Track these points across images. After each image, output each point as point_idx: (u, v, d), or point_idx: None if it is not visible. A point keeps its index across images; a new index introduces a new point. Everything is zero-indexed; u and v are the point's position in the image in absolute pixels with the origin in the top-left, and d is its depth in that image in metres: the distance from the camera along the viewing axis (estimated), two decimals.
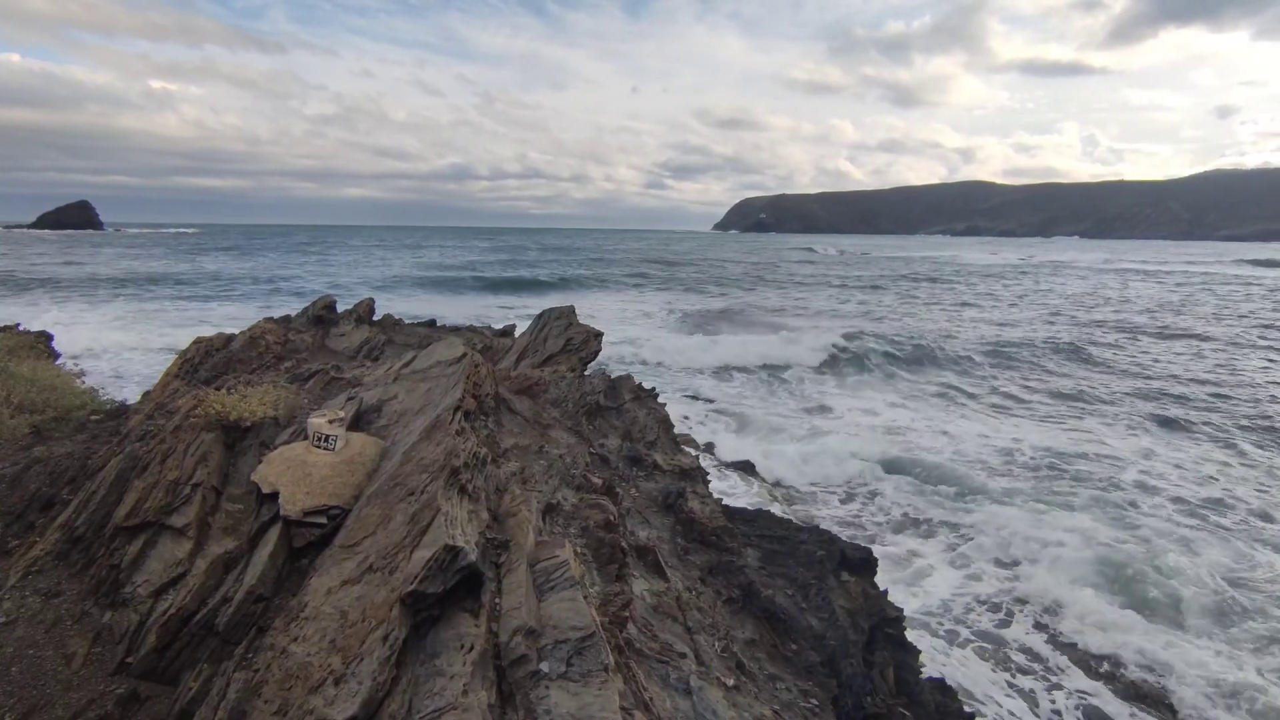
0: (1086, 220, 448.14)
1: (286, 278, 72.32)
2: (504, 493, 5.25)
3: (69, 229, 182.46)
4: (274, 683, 3.86)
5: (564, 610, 3.85)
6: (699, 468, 9.45)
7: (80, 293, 53.93)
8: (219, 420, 6.13)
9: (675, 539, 7.44)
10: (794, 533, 8.94)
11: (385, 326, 14.91)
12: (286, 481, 5.33)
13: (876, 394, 28.02)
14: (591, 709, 3.28)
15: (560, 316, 13.29)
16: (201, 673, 4.44)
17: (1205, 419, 24.27)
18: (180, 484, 5.55)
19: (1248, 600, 12.62)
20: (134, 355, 30.04)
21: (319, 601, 4.26)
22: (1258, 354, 36.60)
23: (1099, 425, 23.62)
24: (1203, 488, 17.88)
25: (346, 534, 4.86)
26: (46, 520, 6.13)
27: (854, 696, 6.90)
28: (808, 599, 7.65)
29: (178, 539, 5.24)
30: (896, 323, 46.74)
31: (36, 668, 4.65)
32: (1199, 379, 30.39)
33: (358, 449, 5.78)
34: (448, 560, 3.91)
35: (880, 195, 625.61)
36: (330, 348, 12.77)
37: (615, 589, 4.94)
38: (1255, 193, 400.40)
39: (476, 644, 3.63)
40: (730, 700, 4.83)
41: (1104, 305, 59.57)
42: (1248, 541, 14.89)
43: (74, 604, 5.18)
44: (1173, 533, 15.05)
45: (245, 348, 10.54)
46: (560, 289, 68.86)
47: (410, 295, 60.59)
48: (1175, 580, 13.02)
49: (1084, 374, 31.79)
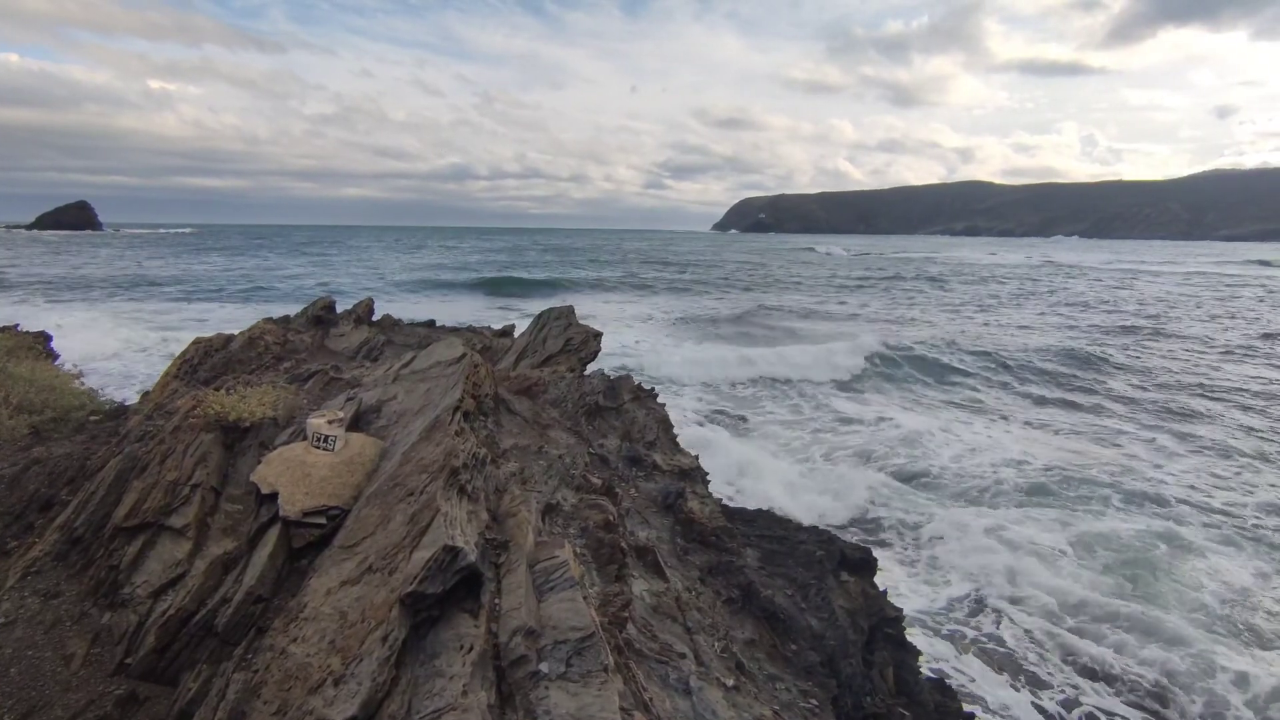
0: (1085, 220, 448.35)
1: (284, 278, 72.33)
2: (503, 493, 5.25)
3: (68, 229, 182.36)
4: (273, 683, 3.86)
5: (563, 611, 3.85)
6: (698, 468, 9.45)
7: (79, 293, 53.93)
8: (218, 421, 6.13)
9: (675, 539, 7.43)
10: (793, 533, 8.94)
11: (384, 327, 14.90)
12: (286, 482, 5.32)
13: (902, 403, 27.44)
14: (591, 709, 3.28)
15: (559, 317, 13.29)
16: (201, 673, 4.43)
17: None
18: (179, 485, 5.54)
19: (1265, 605, 12.63)
20: (133, 356, 30.02)
21: (318, 602, 4.26)
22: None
23: (1124, 431, 23.49)
24: (1221, 493, 17.84)
25: (346, 534, 4.86)
26: (45, 521, 6.13)
27: (854, 696, 6.90)
28: (807, 599, 7.65)
29: (177, 540, 5.23)
30: (924, 330, 45.13)
31: (35, 669, 4.64)
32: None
33: (357, 449, 5.77)
34: (447, 561, 3.91)
35: (879, 195, 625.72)
36: (329, 348, 12.76)
37: (615, 589, 4.93)
38: (1254, 193, 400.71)
39: (476, 644, 3.63)
40: (730, 700, 4.82)
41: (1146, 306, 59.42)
42: (1263, 547, 14.88)
43: (73, 605, 5.18)
44: (1188, 537, 15.08)
45: (244, 348, 10.54)
46: (566, 290, 68.61)
47: (409, 296, 60.59)
48: (1188, 583, 13.06)
49: (1103, 379, 31.39)
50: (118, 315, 42.26)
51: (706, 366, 31.20)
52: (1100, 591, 12.83)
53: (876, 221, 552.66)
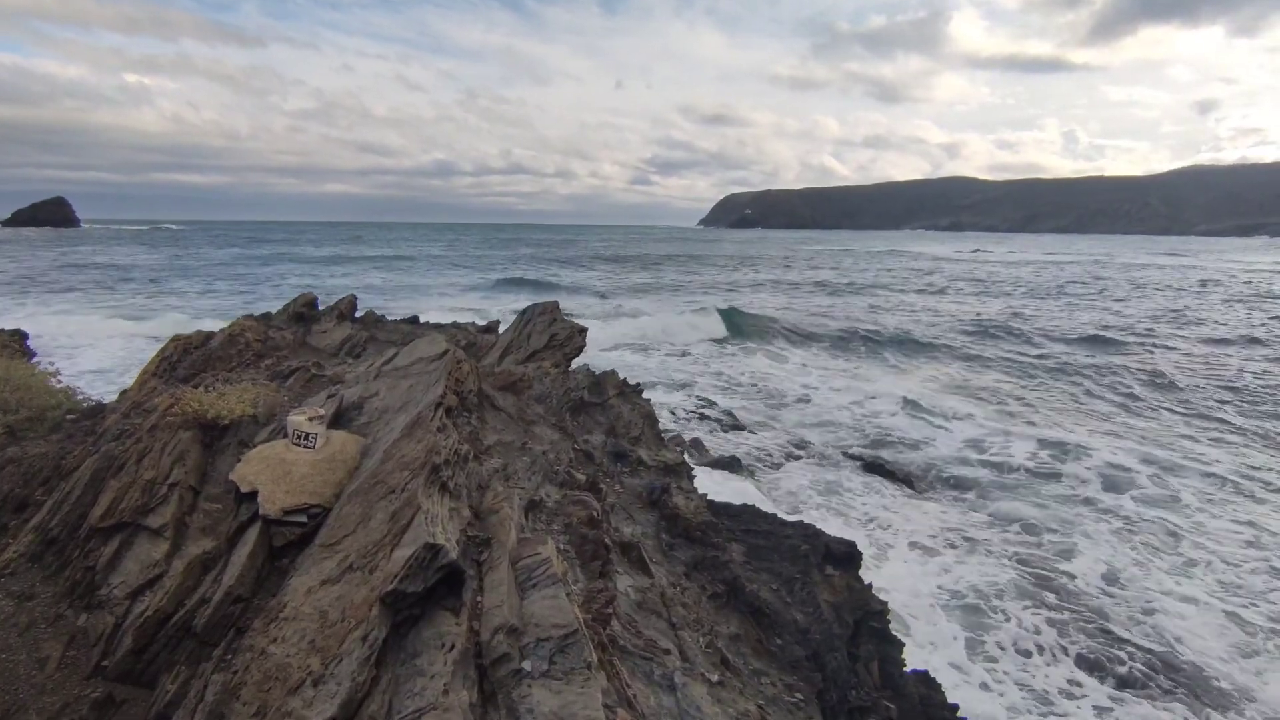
0: (1068, 215, 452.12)
1: (266, 275, 71.58)
2: (486, 489, 5.22)
3: (45, 226, 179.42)
4: (252, 684, 3.81)
5: (546, 608, 3.83)
6: (684, 463, 9.45)
7: (57, 291, 53.13)
8: (196, 419, 6.04)
9: (660, 535, 7.43)
10: (779, 527, 8.96)
11: (367, 323, 14.77)
12: (266, 480, 5.26)
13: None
14: (574, 707, 3.26)
15: (544, 312, 13.23)
16: (179, 675, 4.37)
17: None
18: (157, 484, 5.46)
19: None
20: (111, 354, 29.63)
21: (298, 602, 4.21)
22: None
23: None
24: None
25: (327, 533, 4.81)
26: (20, 522, 6.02)
27: (839, 690, 6.93)
28: (792, 593, 7.68)
29: (154, 540, 5.16)
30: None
31: (9, 672, 4.56)
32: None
33: (338, 447, 5.72)
34: (428, 559, 3.88)
35: (864, 191, 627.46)
36: (311, 345, 12.63)
37: (598, 586, 4.92)
38: (1232, 189, 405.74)
39: (458, 643, 3.60)
40: (714, 696, 4.82)
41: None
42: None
43: (48, 607, 5.09)
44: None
45: (224, 345, 10.40)
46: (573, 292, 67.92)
47: (396, 294, 60.10)
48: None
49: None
50: (96, 313, 41.69)
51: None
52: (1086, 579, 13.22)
53: (861, 217, 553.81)
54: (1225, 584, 13.25)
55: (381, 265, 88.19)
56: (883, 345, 37.72)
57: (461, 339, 13.58)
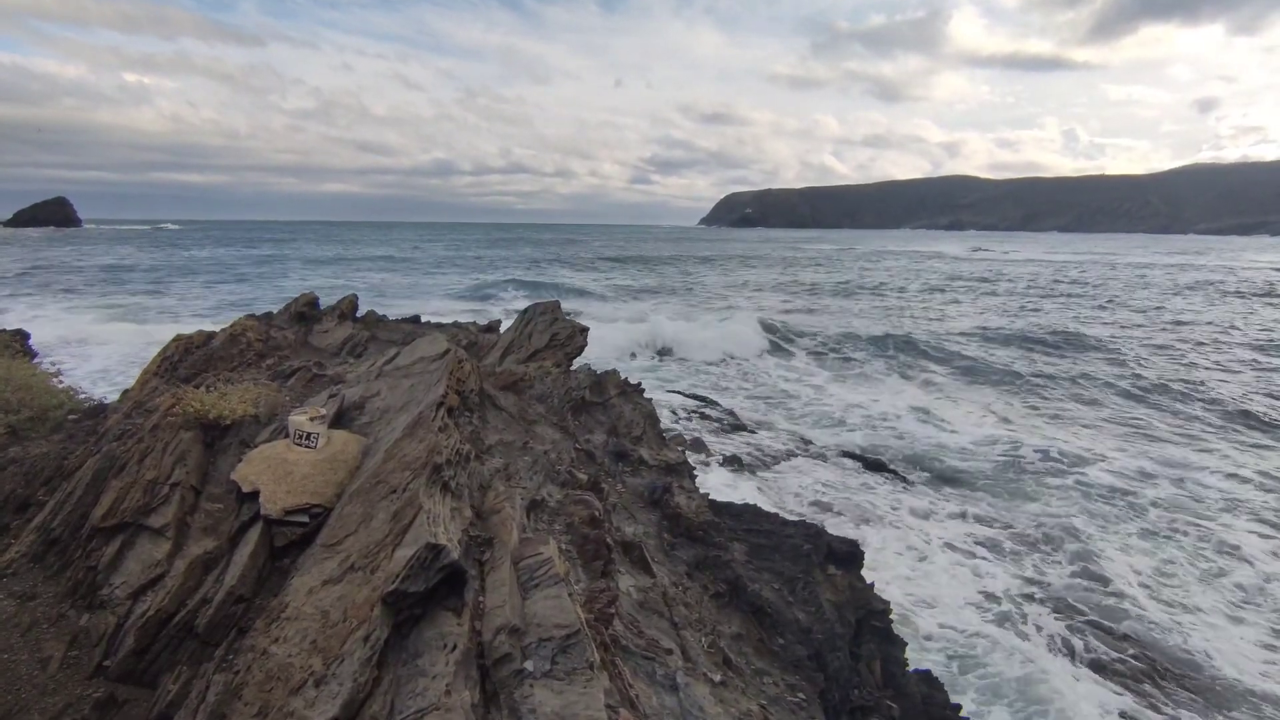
0: (1068, 214, 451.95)
1: (266, 275, 71.67)
2: (487, 489, 5.21)
3: (47, 226, 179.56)
4: (254, 684, 3.81)
5: (548, 608, 3.82)
6: (685, 463, 9.44)
7: (58, 290, 53.16)
8: (198, 419, 6.04)
9: (661, 534, 7.42)
10: (780, 526, 8.95)
11: (368, 323, 14.76)
12: (267, 480, 5.25)
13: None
14: (576, 708, 3.26)
15: (545, 312, 13.21)
16: (181, 675, 4.37)
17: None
18: (158, 484, 5.46)
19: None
20: (113, 353, 29.63)
21: (300, 602, 4.21)
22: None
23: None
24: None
25: (328, 533, 4.80)
26: (22, 522, 6.02)
27: (841, 689, 6.92)
28: (794, 593, 7.67)
29: (156, 540, 5.15)
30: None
31: (11, 672, 4.56)
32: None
33: (340, 447, 5.71)
34: (429, 559, 3.87)
35: (864, 190, 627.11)
36: (313, 345, 12.63)
37: (600, 585, 4.91)
38: (1231, 187, 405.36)
39: (459, 643, 3.59)
40: (717, 696, 4.82)
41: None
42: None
43: (50, 607, 5.09)
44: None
45: (226, 345, 10.39)
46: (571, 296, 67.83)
47: (397, 293, 60.13)
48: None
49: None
50: (98, 312, 41.74)
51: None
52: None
53: (861, 216, 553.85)
54: (1246, 588, 13.19)
55: (382, 265, 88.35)
56: (887, 346, 37.59)
57: (463, 338, 13.58)
